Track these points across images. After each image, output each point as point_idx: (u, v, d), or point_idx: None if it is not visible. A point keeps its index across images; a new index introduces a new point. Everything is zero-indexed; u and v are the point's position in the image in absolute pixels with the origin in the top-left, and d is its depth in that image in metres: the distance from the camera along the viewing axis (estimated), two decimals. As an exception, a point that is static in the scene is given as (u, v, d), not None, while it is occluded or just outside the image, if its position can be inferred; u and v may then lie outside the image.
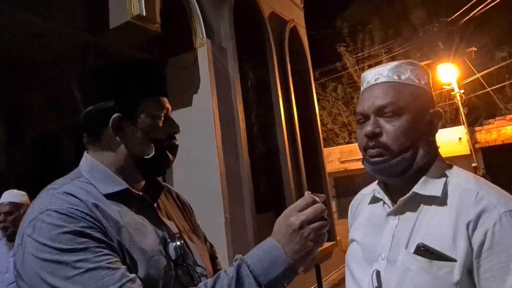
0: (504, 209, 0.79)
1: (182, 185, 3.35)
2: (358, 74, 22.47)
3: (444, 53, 16.29)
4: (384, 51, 21.27)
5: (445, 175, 0.90)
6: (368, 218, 1.00)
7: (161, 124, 0.87)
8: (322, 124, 21.42)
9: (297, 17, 6.52)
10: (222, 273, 0.73)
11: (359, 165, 17.25)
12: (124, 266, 0.71)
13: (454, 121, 19.78)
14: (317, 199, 0.75)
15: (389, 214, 0.93)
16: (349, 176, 16.91)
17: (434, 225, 0.84)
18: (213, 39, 3.85)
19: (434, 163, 0.91)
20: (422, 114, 0.89)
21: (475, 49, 16.44)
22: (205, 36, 3.73)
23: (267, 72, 5.15)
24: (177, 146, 0.92)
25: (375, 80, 0.93)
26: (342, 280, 6.20)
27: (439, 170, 0.91)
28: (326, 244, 6.13)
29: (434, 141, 0.92)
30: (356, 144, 0.98)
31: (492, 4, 11.03)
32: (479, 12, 11.65)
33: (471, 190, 0.84)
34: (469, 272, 0.79)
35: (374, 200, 1.01)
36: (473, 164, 13.79)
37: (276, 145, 4.99)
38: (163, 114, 0.88)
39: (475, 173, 13.00)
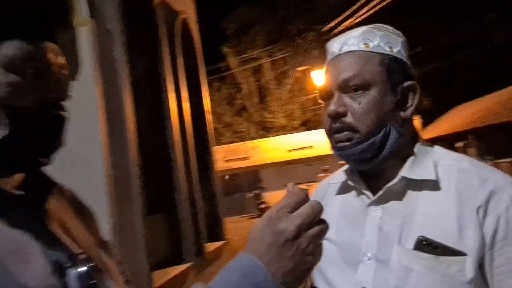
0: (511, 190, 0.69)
1: (55, 187, 2.79)
2: (241, 75, 23.14)
3: (319, 60, 17.80)
4: (266, 55, 22.34)
5: (432, 156, 0.78)
6: (341, 210, 0.84)
7: (27, 84, 0.57)
8: (207, 123, 21.44)
9: (189, 10, 6.25)
10: None
11: (243, 163, 17.72)
12: None
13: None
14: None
15: (370, 204, 0.78)
16: (233, 175, 17.23)
17: (431, 214, 0.70)
18: (96, 18, 3.34)
19: (416, 144, 0.79)
20: (393, 88, 0.76)
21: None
22: (87, 14, 3.21)
23: (157, 63, 4.78)
24: (62, 118, 0.63)
25: (339, 50, 0.79)
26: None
27: (424, 151, 0.79)
28: (216, 244, 6.00)
29: (410, 119, 0.79)
30: (240, 143, 0.82)
31: (361, 17, 12.44)
32: (350, 24, 13.01)
33: (469, 170, 0.73)
34: (480, 267, 0.67)
35: (345, 189, 0.86)
36: (340, 161, 15.38)
37: (166, 141, 4.66)
38: (32, 68, 0.58)
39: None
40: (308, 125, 22.34)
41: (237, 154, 17.99)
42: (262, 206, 15.99)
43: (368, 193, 0.79)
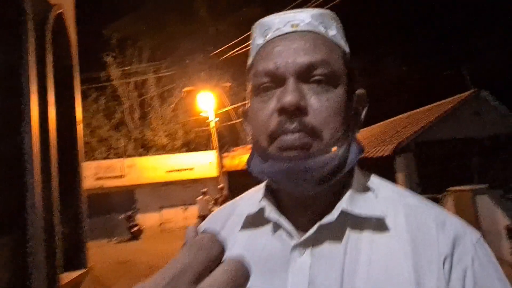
0: (474, 237, 0.56)
1: None
2: (123, 88, 21.83)
3: (205, 83, 17.93)
4: (152, 70, 21.59)
5: (369, 185, 0.62)
6: (249, 253, 0.60)
7: None
8: (78, 136, 19.43)
9: (66, 5, 5.57)
10: None
11: (116, 182, 16.38)
12: None
13: (206, 146, 21.92)
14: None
15: (296, 246, 0.57)
16: (104, 194, 15.75)
17: (380, 264, 0.53)
18: None
19: (355, 168, 0.62)
20: (351, 94, 0.60)
21: (230, 84, 18.95)
22: None
23: (19, 57, 4.05)
24: None
25: (293, 27, 0.59)
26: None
27: (360, 178, 0.62)
28: (74, 274, 5.22)
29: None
30: (115, 160, 0.57)
31: (247, 48, 12.99)
32: (238, 52, 13.46)
33: (418, 208, 0.58)
34: None
35: (255, 222, 0.63)
36: (220, 185, 15.50)
37: (23, 149, 3.91)
38: None
39: (221, 193, 14.65)
40: (189, 146, 22.04)
41: (111, 171, 16.57)
42: (134, 229, 14.90)
43: (292, 230, 0.58)
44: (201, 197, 13.71)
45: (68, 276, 4.81)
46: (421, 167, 9.56)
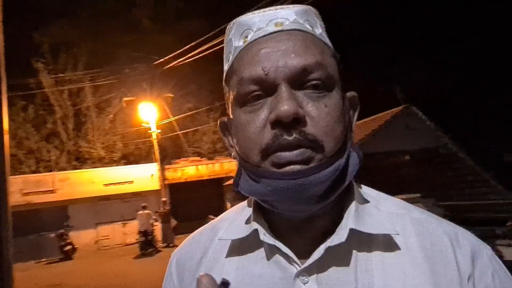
0: (489, 251, 0.53)
1: None
2: (56, 96, 20.46)
3: (147, 93, 17.38)
4: (88, 79, 20.47)
5: (368, 200, 0.56)
6: (244, 282, 0.53)
7: None
8: (2, 147, 17.84)
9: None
10: None
11: (46, 197, 15.17)
12: None
13: (146, 159, 21.17)
14: None
15: (299, 274, 0.50)
16: (33, 211, 14.48)
17: (396, 285, 0.48)
18: None
19: (353, 181, 0.56)
20: (344, 97, 0.54)
21: (172, 95, 18.56)
22: None
23: None
24: None
25: (277, 26, 0.51)
26: None
27: (358, 191, 0.57)
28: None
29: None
30: (45, 174, 0.46)
31: (190, 59, 12.82)
32: (183, 62, 13.22)
33: (427, 223, 0.54)
34: None
35: (248, 247, 0.55)
36: (163, 199, 15.00)
37: None
38: None
39: (164, 207, 14.18)
40: (129, 158, 21.12)
41: (41, 186, 15.31)
42: (67, 247, 13.82)
43: (292, 255, 0.51)
44: (141, 211, 13.14)
45: (-11, 306, 4.29)
46: (357, 179, 10.02)
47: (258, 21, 0.52)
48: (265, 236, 0.53)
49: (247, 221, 0.57)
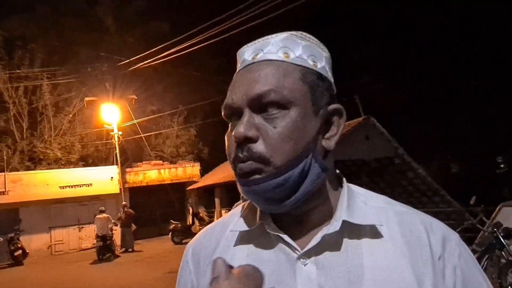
0: (456, 237, 0.65)
1: None
2: (10, 93, 19.42)
3: (110, 94, 16.93)
4: (46, 76, 19.59)
5: (358, 197, 0.68)
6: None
7: None
8: None
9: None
10: None
11: (0, 198, 14.34)
12: None
13: (106, 161, 20.52)
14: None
15: (300, 257, 0.62)
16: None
17: (381, 268, 0.59)
18: None
19: (343, 180, 0.69)
20: (316, 111, 0.62)
21: (135, 97, 18.20)
22: None
23: None
24: None
25: (253, 58, 0.64)
26: None
27: (350, 191, 0.68)
28: None
29: (332, 152, 0.65)
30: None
31: (162, 60, 12.70)
32: (150, 63, 13.05)
33: (408, 214, 0.66)
34: None
35: (255, 238, 0.67)
36: (123, 202, 14.63)
37: None
38: None
39: (124, 211, 13.82)
40: (87, 160, 20.39)
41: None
42: (17, 252, 13.10)
43: (292, 242, 0.63)
44: (100, 215, 12.74)
45: None
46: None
47: (245, 53, 0.66)
48: (269, 227, 0.64)
49: (255, 216, 0.69)
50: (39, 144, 19.35)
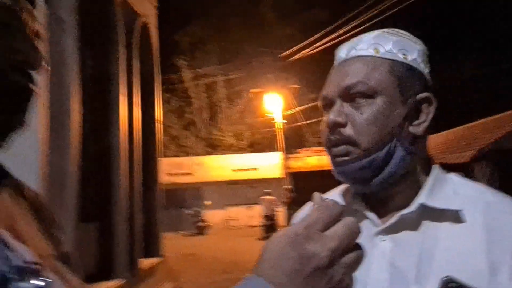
0: None
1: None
2: (193, 89, 22.92)
3: (273, 84, 18.12)
4: (220, 73, 22.37)
5: (450, 184, 0.69)
6: None
7: None
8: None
9: (150, 14, 6.06)
10: None
11: (185, 178, 17.27)
12: None
13: (270, 147, 22.17)
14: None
15: (378, 233, 0.67)
16: (174, 190, 16.67)
17: (456, 251, 0.61)
18: (49, 2, 3.08)
19: (433, 167, 0.71)
20: (404, 100, 0.67)
21: (298, 86, 18.95)
22: (39, -3, 2.95)
23: (110, 64, 4.51)
24: (29, 91, 0.49)
25: (346, 55, 0.72)
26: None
27: (440, 177, 0.70)
28: (151, 261, 5.64)
29: (423, 138, 0.69)
30: (185, 158, 0.70)
31: (319, 48, 12.93)
32: (308, 53, 13.45)
33: (497, 204, 0.65)
34: None
35: (346, 213, 0.75)
36: (287, 186, 15.59)
37: (112, 146, 4.35)
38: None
39: (287, 194, 14.67)
40: (255, 147, 22.44)
41: (181, 168, 17.50)
42: (200, 224, 15.57)
43: (375, 219, 0.69)
44: (265, 197, 13.91)
45: (146, 263, 5.23)
46: (503, 176, 8.78)
47: (341, 51, 0.74)
48: (357, 205, 0.72)
49: (348, 195, 0.76)
50: (216, 132, 22.34)
